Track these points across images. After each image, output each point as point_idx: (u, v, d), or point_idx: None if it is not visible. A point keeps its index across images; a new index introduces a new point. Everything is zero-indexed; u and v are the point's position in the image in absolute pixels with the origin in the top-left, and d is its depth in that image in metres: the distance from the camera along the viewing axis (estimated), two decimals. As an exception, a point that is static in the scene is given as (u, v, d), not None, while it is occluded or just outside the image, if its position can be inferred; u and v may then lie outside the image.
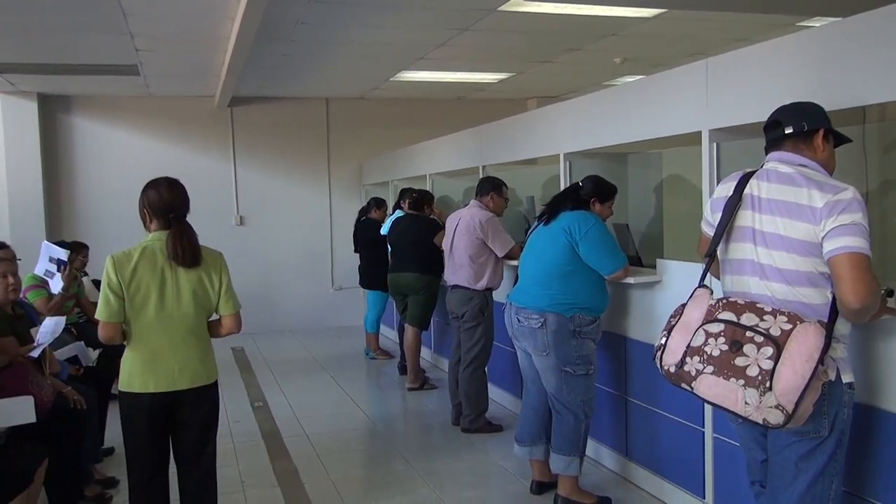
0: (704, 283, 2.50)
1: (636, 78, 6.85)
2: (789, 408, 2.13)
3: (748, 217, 2.42)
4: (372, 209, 7.58)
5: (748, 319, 2.25)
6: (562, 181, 4.79)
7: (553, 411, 3.87)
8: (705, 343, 2.29)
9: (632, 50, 7.20)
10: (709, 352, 2.27)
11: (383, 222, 7.17)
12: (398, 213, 6.75)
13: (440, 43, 6.69)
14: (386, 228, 6.82)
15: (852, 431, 2.42)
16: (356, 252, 7.78)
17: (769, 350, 2.17)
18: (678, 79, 3.78)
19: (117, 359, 3.07)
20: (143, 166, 7.21)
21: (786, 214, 2.31)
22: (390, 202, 7.73)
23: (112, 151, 9.03)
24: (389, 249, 6.70)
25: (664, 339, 2.43)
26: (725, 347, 2.25)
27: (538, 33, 6.46)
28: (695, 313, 2.40)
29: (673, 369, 2.37)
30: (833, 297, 2.24)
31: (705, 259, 2.57)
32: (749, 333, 2.22)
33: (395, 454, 4.86)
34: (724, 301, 2.36)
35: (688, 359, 2.33)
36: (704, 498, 3.59)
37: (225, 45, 6.35)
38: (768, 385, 2.14)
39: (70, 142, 9.01)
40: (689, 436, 3.65)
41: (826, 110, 2.48)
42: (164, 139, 9.23)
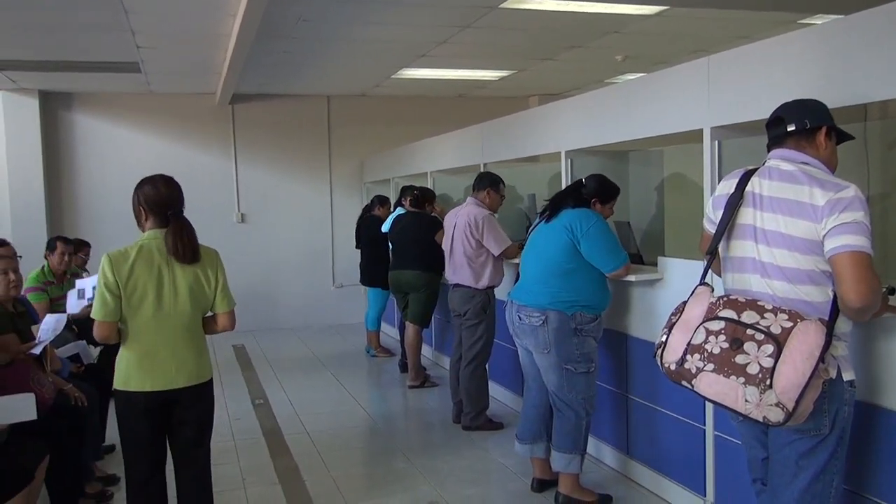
0: (705, 281, 2.50)
1: (637, 76, 6.83)
2: (790, 406, 2.13)
3: (749, 215, 2.42)
4: (375, 206, 7.57)
5: (749, 317, 2.25)
6: (563, 179, 4.79)
7: (554, 409, 3.87)
8: (706, 341, 2.29)
9: (633, 47, 7.19)
10: (709, 349, 2.27)
11: (386, 220, 7.17)
12: (399, 211, 6.75)
13: (442, 40, 6.68)
14: (387, 226, 6.81)
15: (853, 429, 2.42)
16: (357, 248, 7.79)
17: (770, 348, 2.17)
18: (680, 76, 3.77)
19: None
20: (145, 164, 7.19)
21: (787, 212, 2.31)
22: (391, 200, 7.72)
23: (113, 149, 9.03)
24: (390, 247, 6.70)
25: (665, 337, 2.43)
26: (726, 345, 2.25)
27: (540, 30, 6.45)
28: (695, 311, 2.39)
29: (673, 367, 2.37)
30: (834, 295, 2.24)
31: (706, 257, 2.57)
32: (750, 331, 2.22)
33: (396, 452, 4.87)
34: (725, 299, 2.36)
35: (688, 356, 2.32)
36: (705, 495, 3.59)
37: (226, 43, 6.35)
38: (769, 383, 2.14)
39: (71, 139, 9.01)
40: (690, 433, 3.65)
41: (828, 107, 2.47)
42: (166, 136, 9.23)
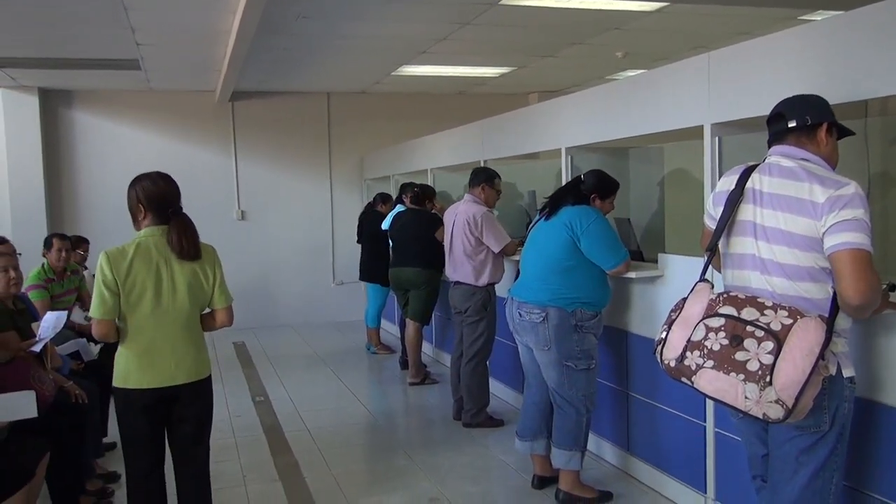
0: (705, 278, 2.50)
1: (638, 72, 6.83)
2: (789, 402, 2.13)
3: (749, 211, 2.42)
4: (378, 203, 7.56)
5: (749, 314, 2.25)
6: (563, 175, 4.78)
7: (554, 406, 3.87)
8: (705, 337, 2.29)
9: (634, 44, 7.18)
10: (709, 346, 2.27)
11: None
12: (399, 208, 6.74)
13: (442, 37, 6.67)
14: (387, 223, 6.80)
15: (853, 426, 2.41)
16: (358, 243, 7.79)
17: (769, 345, 2.16)
18: (680, 73, 3.76)
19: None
20: (145, 161, 7.11)
21: (787, 209, 2.30)
22: (392, 197, 7.72)
23: (113, 146, 9.03)
24: (390, 244, 6.69)
25: (664, 334, 2.43)
26: (726, 342, 2.24)
27: (540, 27, 6.44)
28: (695, 308, 2.39)
29: (673, 364, 2.37)
30: (834, 292, 2.24)
31: (706, 253, 2.57)
32: (749, 328, 2.21)
33: (397, 449, 4.87)
34: (725, 295, 2.36)
35: (688, 353, 2.32)
36: (706, 492, 3.60)
37: (226, 40, 6.34)
38: (768, 380, 2.14)
39: (71, 136, 9.01)
40: (691, 430, 3.65)
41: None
42: (166, 134, 9.23)
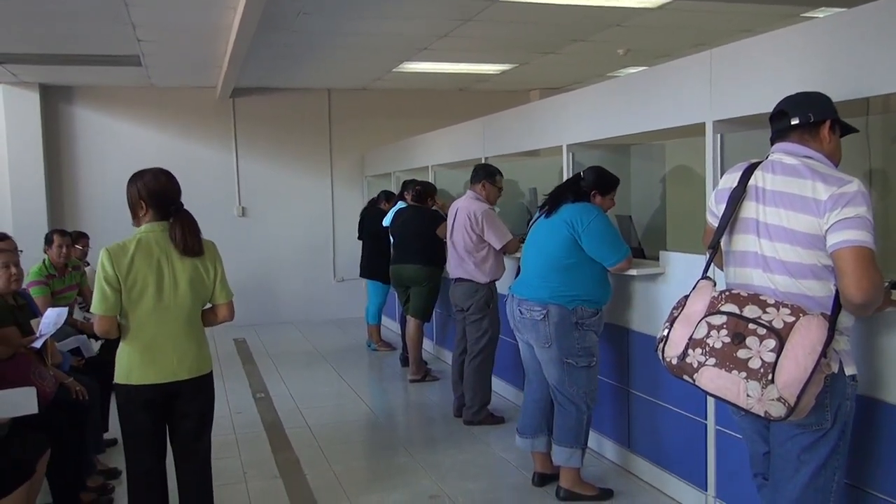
0: (707, 275, 2.49)
1: (639, 69, 6.82)
2: (791, 400, 2.12)
3: (752, 209, 2.41)
4: (382, 201, 7.54)
5: (751, 312, 2.24)
6: (565, 172, 4.78)
7: (555, 403, 3.87)
8: (707, 335, 2.28)
9: (635, 41, 7.17)
10: (711, 344, 2.26)
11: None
12: (400, 205, 6.73)
13: (443, 34, 6.66)
14: (388, 220, 6.80)
15: (855, 424, 2.41)
16: (359, 239, 7.77)
17: (772, 342, 2.16)
18: (682, 70, 3.75)
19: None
20: (145, 157, 7.11)
21: (790, 206, 2.29)
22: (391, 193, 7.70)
23: (114, 142, 9.02)
24: (392, 241, 6.69)
25: (666, 331, 2.42)
26: (728, 340, 2.24)
27: (541, 24, 6.43)
28: (697, 305, 2.38)
29: (675, 361, 2.36)
30: (836, 290, 2.23)
31: (709, 250, 2.56)
32: (752, 326, 2.21)
33: (398, 446, 4.87)
34: (727, 293, 2.35)
35: (690, 351, 2.31)
36: (706, 490, 3.59)
37: (227, 36, 6.33)
38: (770, 378, 2.13)
39: (72, 132, 9.00)
40: (692, 428, 3.65)
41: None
42: (166, 130, 9.22)
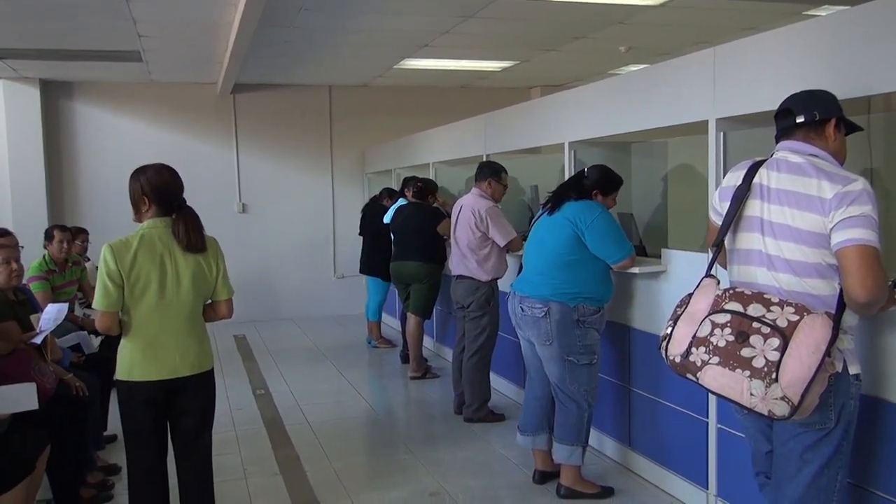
0: (711, 273, 2.48)
1: (641, 67, 6.80)
2: (795, 399, 2.12)
3: (757, 207, 2.40)
4: (384, 198, 7.52)
5: (755, 310, 2.23)
6: (567, 170, 4.76)
7: (556, 401, 3.86)
8: (711, 333, 2.28)
9: (637, 38, 7.15)
10: (715, 342, 2.26)
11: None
12: (401, 202, 6.72)
13: (444, 30, 6.65)
14: (388, 217, 6.79)
15: (858, 423, 2.40)
16: (360, 235, 7.76)
17: (776, 341, 2.15)
18: (685, 67, 3.74)
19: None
20: (145, 153, 7.15)
21: (795, 205, 2.28)
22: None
23: (114, 138, 9.01)
24: (392, 238, 6.68)
25: (670, 329, 2.41)
26: (731, 338, 2.23)
27: (543, 21, 6.42)
28: (701, 303, 2.37)
29: (678, 360, 2.35)
30: (841, 289, 2.22)
31: (713, 248, 2.55)
32: (756, 324, 2.20)
33: (398, 443, 4.86)
34: (731, 291, 2.34)
35: (693, 349, 2.31)
36: (707, 488, 3.59)
37: (228, 32, 6.32)
38: (774, 376, 2.13)
39: (72, 128, 8.99)
40: (693, 426, 3.64)
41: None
42: (167, 126, 9.21)
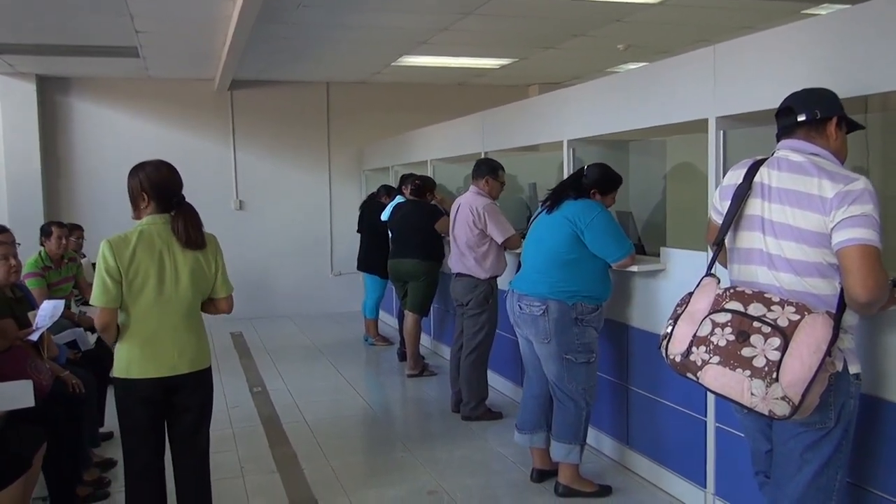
0: (711, 272, 2.48)
1: (639, 65, 6.80)
2: (796, 399, 2.11)
3: (757, 206, 2.39)
4: (382, 195, 7.51)
5: (755, 309, 2.23)
6: (566, 168, 4.76)
7: (554, 399, 3.86)
8: (712, 333, 2.27)
9: (636, 36, 7.14)
10: (715, 342, 2.25)
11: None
12: (399, 199, 6.71)
13: (443, 27, 6.63)
14: (386, 214, 6.78)
15: (858, 423, 2.40)
16: (358, 232, 7.75)
17: (776, 341, 2.15)
18: (685, 66, 3.73)
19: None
20: (142, 149, 7.06)
21: (796, 204, 2.28)
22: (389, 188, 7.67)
23: (111, 134, 8.98)
24: (390, 235, 6.67)
25: (670, 329, 2.41)
26: (732, 338, 2.22)
27: (542, 19, 6.41)
28: (701, 303, 2.37)
29: (678, 359, 2.35)
30: (841, 288, 2.22)
31: (713, 247, 2.54)
32: (756, 324, 2.20)
33: (395, 441, 4.86)
34: (732, 291, 2.33)
35: (694, 348, 2.30)
36: (705, 487, 3.59)
37: (225, 28, 6.30)
38: (775, 376, 2.12)
39: (68, 124, 8.96)
40: (691, 425, 3.64)
41: (837, 97, 2.45)
42: (164, 122, 9.18)
